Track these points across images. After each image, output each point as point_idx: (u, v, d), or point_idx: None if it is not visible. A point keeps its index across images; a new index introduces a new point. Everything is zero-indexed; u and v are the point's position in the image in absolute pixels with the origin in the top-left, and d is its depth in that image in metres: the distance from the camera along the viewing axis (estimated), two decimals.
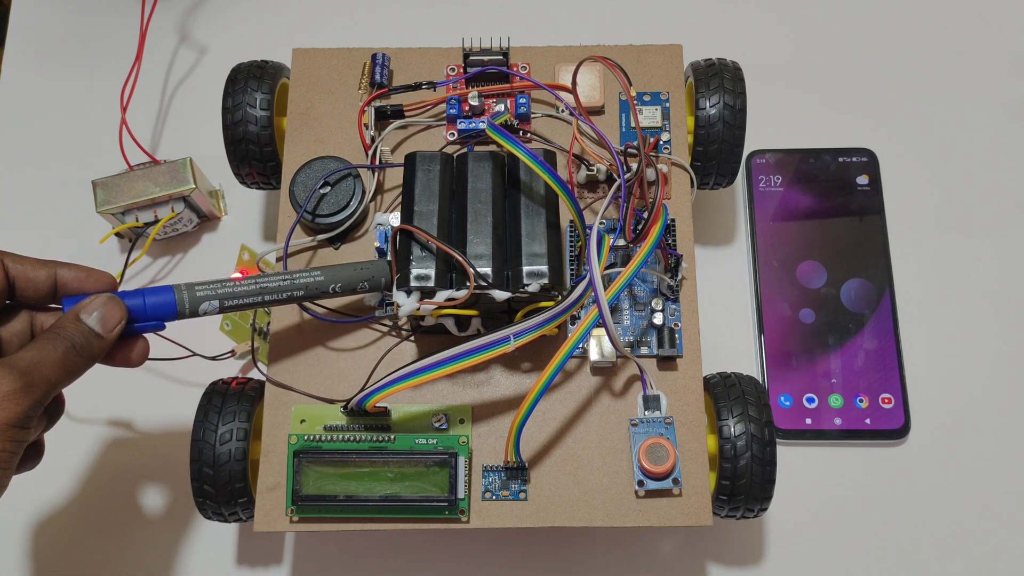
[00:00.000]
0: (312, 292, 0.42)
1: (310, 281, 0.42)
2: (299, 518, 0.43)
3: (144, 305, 0.39)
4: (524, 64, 0.51)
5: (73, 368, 0.37)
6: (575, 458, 0.44)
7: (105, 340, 0.38)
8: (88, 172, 0.57)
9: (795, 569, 0.52)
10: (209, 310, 0.40)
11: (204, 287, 0.40)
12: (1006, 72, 0.63)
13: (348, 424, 0.44)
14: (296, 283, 0.42)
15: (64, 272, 0.40)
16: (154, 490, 0.53)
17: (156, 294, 0.40)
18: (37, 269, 0.39)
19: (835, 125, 0.61)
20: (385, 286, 0.44)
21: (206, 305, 0.40)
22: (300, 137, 0.50)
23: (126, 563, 0.52)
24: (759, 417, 0.44)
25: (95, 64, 0.64)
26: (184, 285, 0.40)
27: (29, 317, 0.40)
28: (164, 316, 0.40)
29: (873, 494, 0.53)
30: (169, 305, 0.40)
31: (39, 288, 0.39)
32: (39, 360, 0.36)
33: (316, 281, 0.42)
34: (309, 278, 0.42)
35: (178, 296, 0.40)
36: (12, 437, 0.34)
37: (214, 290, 0.40)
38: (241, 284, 0.41)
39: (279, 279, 0.41)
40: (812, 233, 0.58)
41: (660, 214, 0.44)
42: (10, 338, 0.39)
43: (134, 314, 0.39)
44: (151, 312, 0.39)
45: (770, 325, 0.56)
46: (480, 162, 0.44)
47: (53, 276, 0.39)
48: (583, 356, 0.46)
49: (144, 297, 0.39)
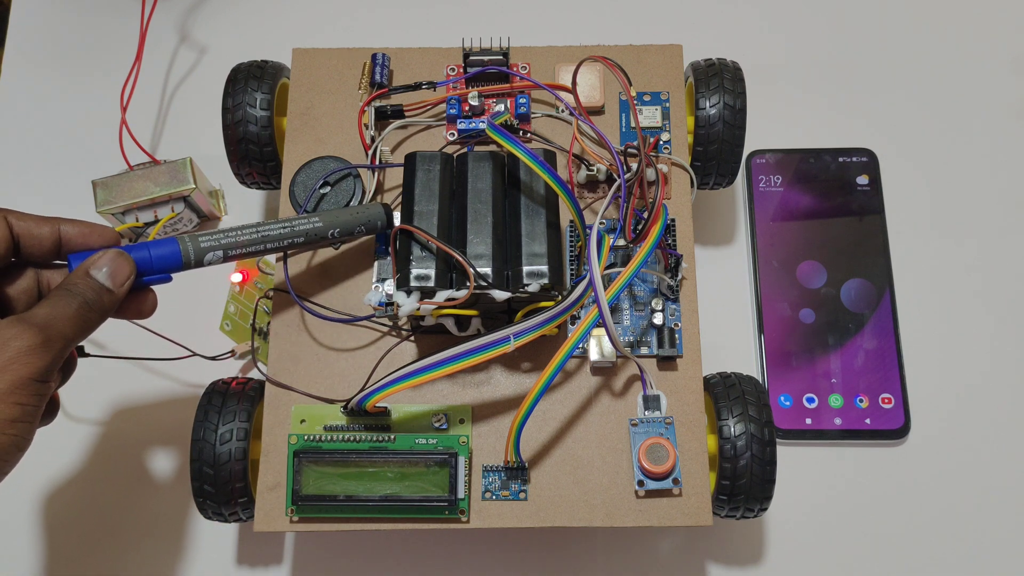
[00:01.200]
0: (312, 238, 0.43)
1: (309, 227, 0.43)
2: (299, 518, 0.43)
3: (150, 257, 0.40)
4: (524, 64, 0.51)
5: (87, 323, 0.37)
6: (575, 458, 0.44)
7: (116, 295, 0.38)
8: (88, 172, 0.57)
9: (795, 569, 0.52)
10: (214, 260, 0.41)
11: (208, 237, 0.41)
12: (1006, 72, 0.63)
13: (348, 424, 0.44)
14: (296, 230, 0.42)
15: (68, 228, 0.40)
16: (154, 490, 0.53)
17: (161, 246, 0.40)
18: (41, 226, 0.39)
19: (835, 125, 0.61)
20: (381, 228, 0.45)
21: (211, 255, 0.40)
22: (300, 137, 0.50)
23: (126, 563, 0.52)
24: (759, 417, 0.44)
25: (95, 64, 0.64)
26: (188, 236, 0.40)
27: (35, 275, 0.40)
28: (170, 267, 0.40)
29: (873, 494, 0.53)
30: (175, 256, 0.40)
31: (43, 245, 0.39)
32: (55, 316, 0.36)
33: (315, 227, 0.43)
34: (308, 224, 0.43)
35: (183, 247, 0.40)
36: (35, 392, 0.35)
37: (217, 240, 0.41)
38: (244, 233, 0.41)
39: (279, 227, 0.42)
40: (812, 233, 0.58)
41: (660, 214, 0.44)
42: (17, 296, 0.40)
43: (141, 267, 0.39)
44: (157, 264, 0.40)
45: (770, 325, 0.56)
46: (480, 162, 0.44)
47: (57, 232, 0.39)
48: (583, 356, 0.46)
49: (150, 250, 0.40)
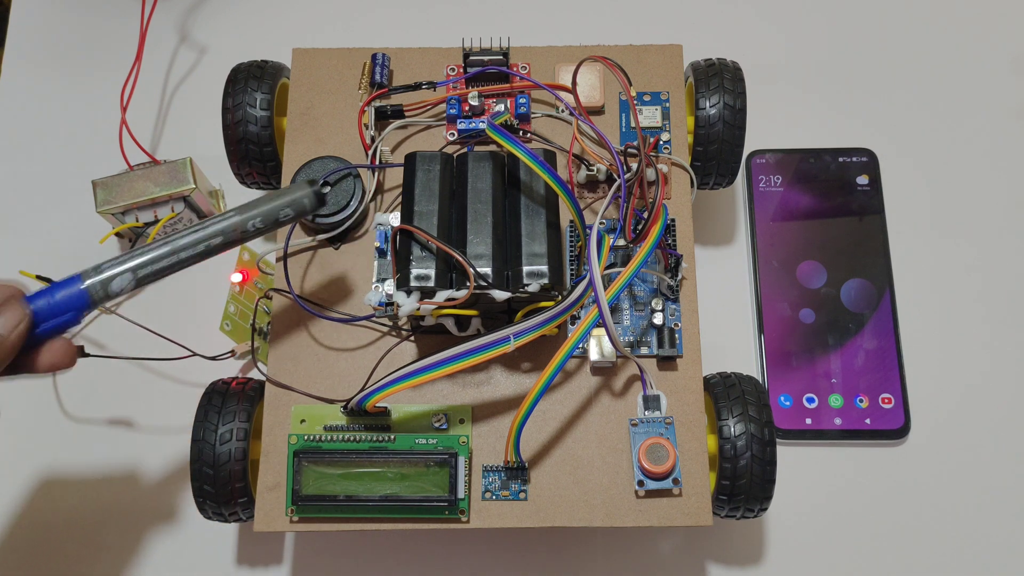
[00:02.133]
0: (231, 236, 0.39)
1: (225, 224, 0.38)
2: (299, 518, 0.43)
3: (52, 301, 0.36)
4: (524, 64, 0.51)
5: None
6: (575, 458, 0.44)
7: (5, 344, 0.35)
8: (88, 172, 0.57)
9: (795, 569, 0.52)
10: (124, 286, 0.37)
11: (110, 263, 0.37)
12: (1006, 72, 0.63)
13: (348, 424, 0.44)
14: (210, 231, 0.38)
15: None
16: (154, 490, 0.53)
17: (62, 286, 0.36)
18: None
19: (835, 125, 0.61)
20: (312, 208, 0.40)
21: (118, 282, 0.36)
22: (300, 137, 0.50)
23: (126, 563, 0.52)
24: (759, 417, 0.44)
25: (95, 64, 0.64)
26: (91, 267, 0.37)
27: None
28: (76, 307, 0.36)
29: (873, 494, 0.53)
30: (77, 296, 0.36)
31: None
32: None
33: (231, 223, 0.38)
34: (222, 221, 0.38)
35: (85, 280, 0.36)
36: None
37: (122, 263, 0.37)
38: (151, 247, 0.37)
39: (191, 232, 0.38)
40: (812, 233, 0.58)
41: (660, 214, 0.44)
42: None
43: (43, 313, 0.36)
44: (61, 306, 0.36)
45: (770, 325, 0.56)
46: (480, 162, 0.44)
47: None
48: (583, 356, 0.46)
49: (52, 293, 0.36)
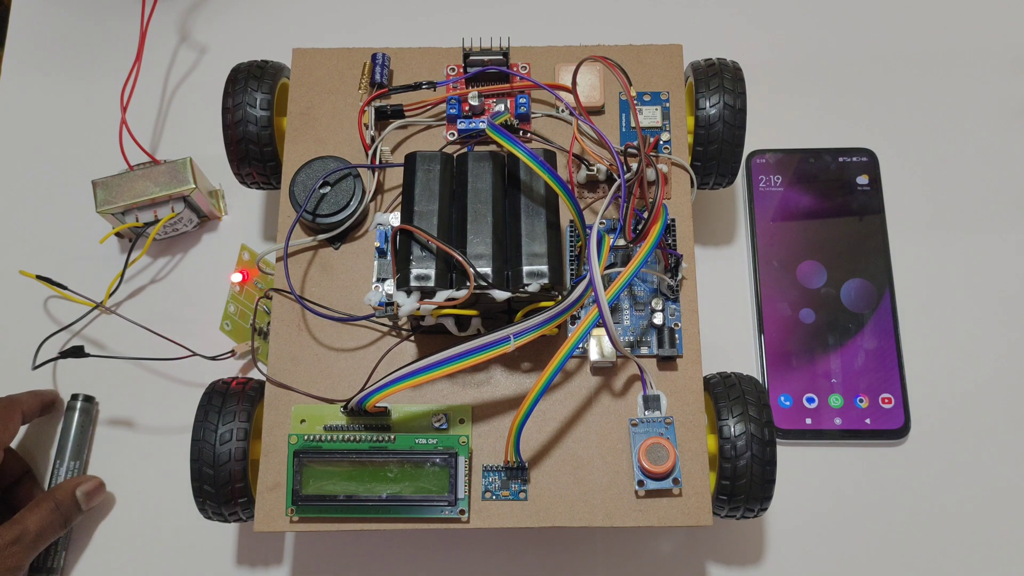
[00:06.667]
0: None
1: None
2: (299, 518, 0.43)
3: None
4: (524, 64, 0.51)
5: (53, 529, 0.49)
6: (575, 458, 0.44)
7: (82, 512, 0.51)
8: (88, 172, 0.57)
9: (795, 569, 0.52)
10: None
11: None
12: (1006, 72, 0.63)
13: (348, 424, 0.44)
14: None
15: None
16: (154, 490, 0.53)
17: None
18: None
19: (835, 125, 0.61)
20: None
21: None
22: (300, 137, 0.50)
23: (126, 563, 0.52)
24: (759, 417, 0.44)
25: (95, 64, 0.64)
26: None
27: None
28: None
29: (873, 494, 0.53)
30: None
31: None
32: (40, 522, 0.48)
33: None
34: None
35: None
36: None
37: None
38: None
39: None
40: (812, 233, 0.58)
41: (660, 214, 0.44)
42: None
43: None
44: None
45: (770, 325, 0.56)
46: (480, 162, 0.44)
47: None
48: (583, 356, 0.46)
49: None
